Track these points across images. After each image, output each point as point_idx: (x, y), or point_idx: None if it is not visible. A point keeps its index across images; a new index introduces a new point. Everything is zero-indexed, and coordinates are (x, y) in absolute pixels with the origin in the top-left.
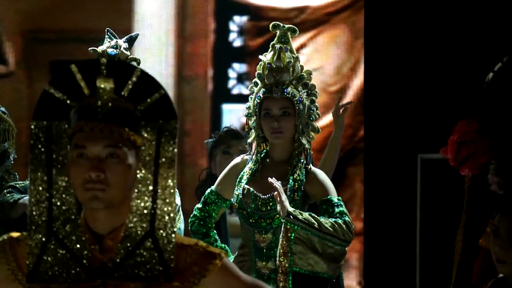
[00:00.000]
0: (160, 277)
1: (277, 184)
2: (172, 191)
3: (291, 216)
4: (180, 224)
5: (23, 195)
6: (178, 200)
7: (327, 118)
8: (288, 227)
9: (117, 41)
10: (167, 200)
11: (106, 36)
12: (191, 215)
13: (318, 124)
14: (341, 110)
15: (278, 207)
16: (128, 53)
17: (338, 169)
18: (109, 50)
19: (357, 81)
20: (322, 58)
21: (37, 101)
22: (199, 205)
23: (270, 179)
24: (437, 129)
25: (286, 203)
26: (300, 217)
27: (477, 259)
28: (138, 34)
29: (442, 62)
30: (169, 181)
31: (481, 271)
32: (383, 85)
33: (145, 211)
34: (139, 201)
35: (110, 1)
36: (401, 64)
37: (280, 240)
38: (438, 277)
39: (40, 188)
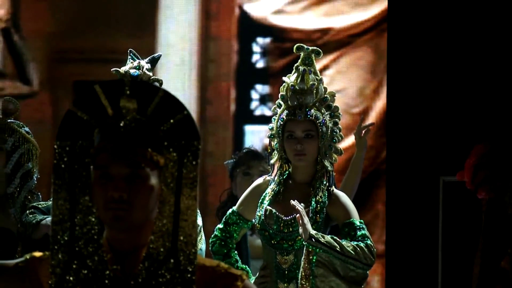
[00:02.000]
0: None
1: (300, 206)
2: (194, 211)
3: (313, 239)
4: (202, 245)
5: (45, 216)
6: (199, 221)
7: (350, 140)
8: (310, 250)
9: (139, 62)
10: (189, 221)
11: (129, 57)
12: (212, 235)
13: (341, 145)
14: (363, 132)
15: (300, 230)
16: (151, 74)
17: (360, 190)
18: (132, 71)
19: (380, 103)
20: (344, 80)
21: (61, 121)
22: (220, 226)
23: (292, 202)
24: (459, 152)
25: (308, 226)
26: (322, 240)
27: (499, 281)
28: (160, 55)
29: (465, 85)
30: (191, 201)
31: None
32: (406, 107)
33: (167, 232)
34: (161, 221)
35: (134, 22)
36: (423, 86)
37: (302, 263)
38: None
39: (63, 208)
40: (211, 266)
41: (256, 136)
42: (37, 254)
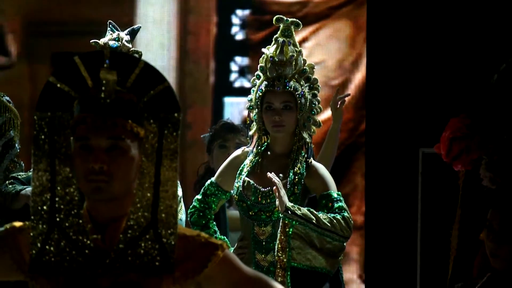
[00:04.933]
0: (161, 268)
1: (276, 179)
2: (174, 182)
3: (289, 212)
4: (182, 215)
5: (25, 186)
6: (179, 192)
7: (329, 112)
8: (286, 222)
9: (119, 34)
10: (169, 192)
11: (108, 28)
12: (191, 206)
13: (320, 118)
14: (339, 103)
15: (277, 202)
16: (130, 45)
17: (339, 163)
18: (111, 43)
19: (359, 75)
20: (324, 52)
21: (40, 92)
22: (198, 197)
23: (269, 174)
24: (439, 123)
25: (285, 198)
26: (298, 212)
27: (478, 253)
28: (140, 27)
29: (444, 56)
30: (172, 172)
31: (482, 265)
32: (385, 79)
33: (147, 202)
34: (141, 192)
35: None
36: (403, 58)
37: (278, 235)
38: (439, 271)
39: (43, 179)
40: (191, 235)
41: (235, 108)
42: (17, 224)
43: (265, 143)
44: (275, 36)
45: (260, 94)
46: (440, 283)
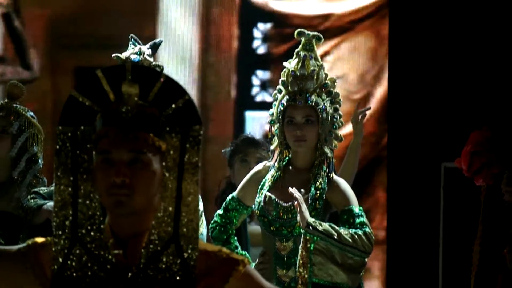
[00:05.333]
0: (183, 282)
1: (297, 194)
2: (195, 196)
3: (310, 227)
4: (203, 230)
5: (46, 201)
6: (201, 206)
7: (350, 127)
8: (308, 237)
9: (140, 48)
10: (191, 206)
11: (130, 42)
12: (212, 221)
13: (341, 132)
14: (359, 117)
15: (298, 218)
16: (152, 59)
17: (361, 177)
18: (133, 57)
19: (381, 89)
20: (345, 66)
21: (63, 107)
22: (220, 211)
23: (290, 189)
24: (461, 138)
25: (306, 214)
26: (319, 228)
27: (501, 269)
28: (162, 41)
29: (468, 70)
30: (193, 186)
31: (505, 281)
32: (407, 93)
33: (169, 217)
34: (163, 206)
35: (134, 7)
36: (425, 72)
37: (300, 250)
38: (461, 287)
39: (65, 193)
40: (213, 251)
41: (257, 122)
42: (39, 239)
43: (287, 158)
44: (296, 50)
45: (282, 108)
46: None
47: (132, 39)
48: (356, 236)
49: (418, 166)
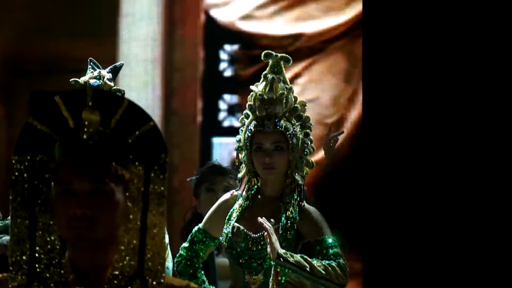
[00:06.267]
0: None
1: (267, 224)
2: (161, 228)
3: (281, 259)
4: (169, 264)
5: (1, 235)
6: (166, 239)
7: (322, 152)
8: (279, 270)
9: (100, 71)
10: (156, 238)
11: (89, 66)
12: (177, 255)
13: (313, 158)
14: (331, 141)
15: (268, 249)
16: (112, 84)
17: None
18: (92, 81)
19: (355, 112)
20: (317, 88)
21: (19, 134)
22: (185, 244)
23: (259, 219)
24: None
25: (277, 244)
26: (291, 259)
27: None
28: (122, 64)
29: (446, 92)
30: (159, 218)
31: None
32: (383, 116)
33: (133, 250)
34: (126, 239)
35: (93, 29)
36: (401, 94)
37: (270, 284)
38: None
39: (22, 227)
40: (180, 285)
41: (224, 149)
42: None
43: (255, 186)
44: (264, 73)
45: (249, 134)
46: None
47: (91, 63)
48: (330, 268)
49: None
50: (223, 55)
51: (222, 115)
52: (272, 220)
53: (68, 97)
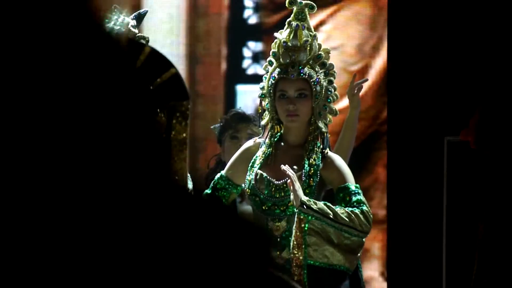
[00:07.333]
0: None
1: (290, 171)
2: (184, 174)
3: (304, 206)
4: None
5: None
6: (190, 185)
7: (347, 100)
8: (302, 217)
9: (124, 18)
10: (179, 184)
11: (113, 12)
12: None
13: (337, 106)
14: (356, 89)
15: (291, 196)
16: (137, 31)
17: (359, 153)
18: (116, 28)
19: (380, 60)
20: (342, 35)
21: None
22: (208, 191)
23: (283, 167)
24: (464, 110)
25: (300, 192)
26: (314, 206)
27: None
28: (147, 11)
29: (470, 40)
30: (181, 164)
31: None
32: (408, 64)
33: None
34: None
35: None
36: (426, 42)
37: (293, 231)
38: (466, 267)
39: None
40: None
41: (249, 97)
42: None
43: (279, 133)
44: (288, 20)
45: (273, 81)
46: (467, 280)
47: (115, 10)
48: (353, 215)
49: (420, 140)
50: (248, 2)
51: (246, 62)
52: (295, 167)
53: None
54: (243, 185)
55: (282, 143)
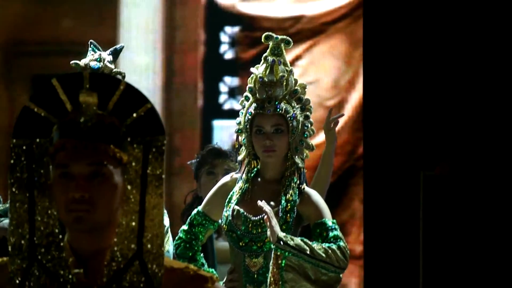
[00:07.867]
0: None
1: (267, 207)
2: (160, 210)
3: (281, 242)
4: (169, 247)
5: (1, 218)
6: (166, 221)
7: (323, 135)
8: (279, 253)
9: (100, 54)
10: (155, 220)
11: (90, 48)
12: (176, 238)
13: (314, 141)
14: (332, 124)
15: (268, 232)
16: (113, 66)
17: (335, 188)
18: (92, 64)
19: (356, 95)
20: (318, 70)
21: (16, 118)
22: (184, 227)
23: (259, 202)
24: (440, 145)
25: (277, 228)
26: (291, 243)
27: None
28: (123, 46)
29: (446, 74)
30: (157, 199)
31: None
32: (383, 98)
33: (132, 232)
34: (125, 221)
35: (94, 11)
36: (402, 76)
37: (270, 267)
38: None
39: (21, 211)
40: (179, 268)
41: (225, 132)
42: None
43: (255, 169)
44: (264, 55)
45: (249, 117)
46: None
47: (92, 45)
48: (330, 251)
49: (396, 175)
50: (224, 37)
51: (222, 97)
52: (272, 203)
53: (66, 80)
54: (220, 221)
55: (259, 179)
